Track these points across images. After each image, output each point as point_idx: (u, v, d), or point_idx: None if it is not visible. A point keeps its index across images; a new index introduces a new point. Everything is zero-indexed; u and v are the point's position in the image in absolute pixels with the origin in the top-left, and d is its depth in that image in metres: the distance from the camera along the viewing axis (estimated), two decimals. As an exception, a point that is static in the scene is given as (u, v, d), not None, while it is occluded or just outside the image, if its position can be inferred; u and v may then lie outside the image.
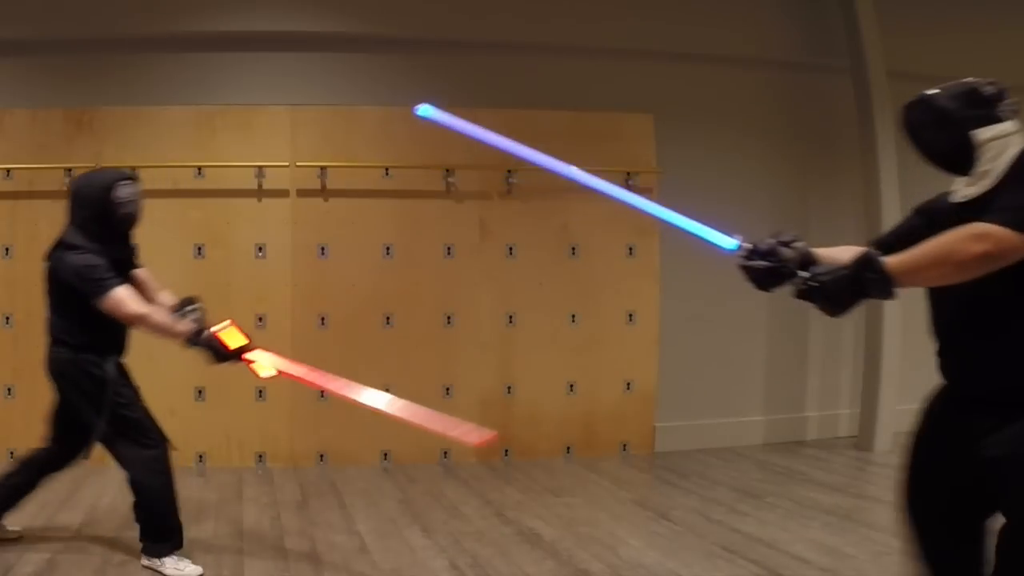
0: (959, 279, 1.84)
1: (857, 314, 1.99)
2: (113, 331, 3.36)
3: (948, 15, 5.96)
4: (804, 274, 1.92)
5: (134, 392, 3.43)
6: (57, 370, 3.38)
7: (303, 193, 5.24)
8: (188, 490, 4.51)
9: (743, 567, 3.47)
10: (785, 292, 2.03)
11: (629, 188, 5.49)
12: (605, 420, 5.58)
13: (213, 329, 3.25)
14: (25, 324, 5.04)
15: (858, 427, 5.83)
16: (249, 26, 5.15)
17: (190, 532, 3.84)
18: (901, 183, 5.61)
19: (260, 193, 5.17)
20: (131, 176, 3.47)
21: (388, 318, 5.34)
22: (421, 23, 5.31)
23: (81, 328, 3.31)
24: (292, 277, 5.24)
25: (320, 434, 5.27)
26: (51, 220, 5.00)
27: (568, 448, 5.55)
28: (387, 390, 5.31)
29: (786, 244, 2.00)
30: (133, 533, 3.77)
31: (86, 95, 5.07)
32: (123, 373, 3.43)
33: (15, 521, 3.70)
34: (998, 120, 1.95)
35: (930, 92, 2.06)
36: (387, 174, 5.29)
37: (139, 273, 3.55)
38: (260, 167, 5.13)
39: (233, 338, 3.26)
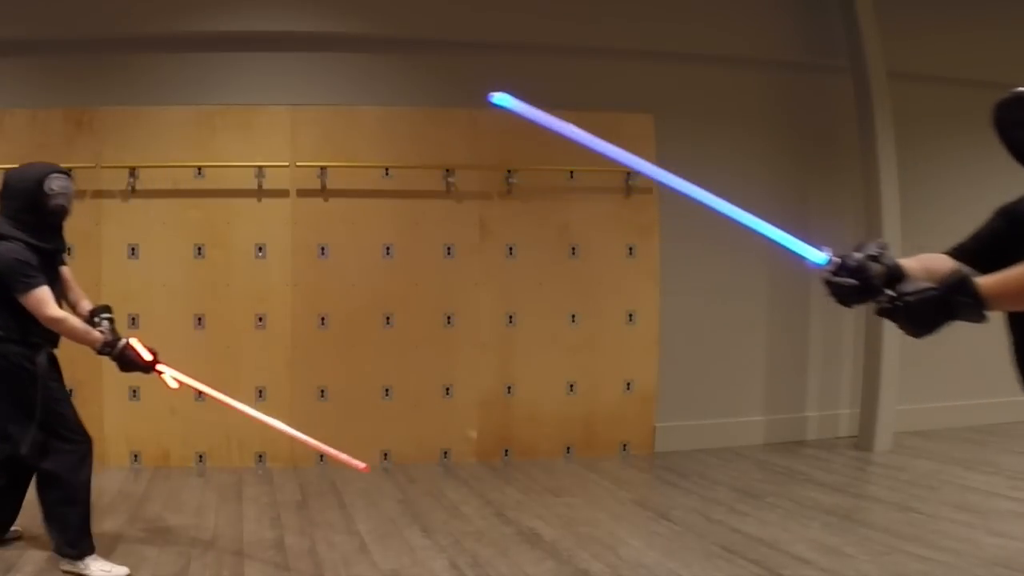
0: None
1: (857, 314, 1.94)
2: (39, 324, 3.28)
3: (948, 15, 5.97)
4: (890, 293, 1.73)
5: (62, 386, 3.45)
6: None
7: (303, 193, 5.24)
8: (188, 490, 4.52)
9: (743, 567, 3.47)
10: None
11: (629, 188, 5.51)
12: (605, 420, 5.58)
13: (129, 341, 3.40)
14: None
15: (858, 427, 5.84)
16: (249, 26, 5.15)
17: (190, 532, 3.85)
18: (901, 183, 5.62)
19: (260, 193, 5.17)
20: (64, 170, 3.48)
21: (388, 318, 5.34)
22: (421, 23, 5.31)
23: (11, 319, 3.26)
24: (292, 277, 5.24)
25: (320, 434, 5.23)
26: (51, 220, 5.04)
27: (568, 448, 5.55)
28: (387, 390, 5.38)
29: (874, 258, 1.83)
30: (134, 532, 3.78)
31: (86, 95, 5.07)
32: (54, 366, 3.43)
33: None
34: None
35: (1021, 88, 1.95)
36: (387, 174, 5.30)
37: (64, 271, 3.60)
38: (260, 167, 5.13)
39: (141, 349, 3.44)
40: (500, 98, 2.00)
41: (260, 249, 5.21)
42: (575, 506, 4.41)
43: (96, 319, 3.46)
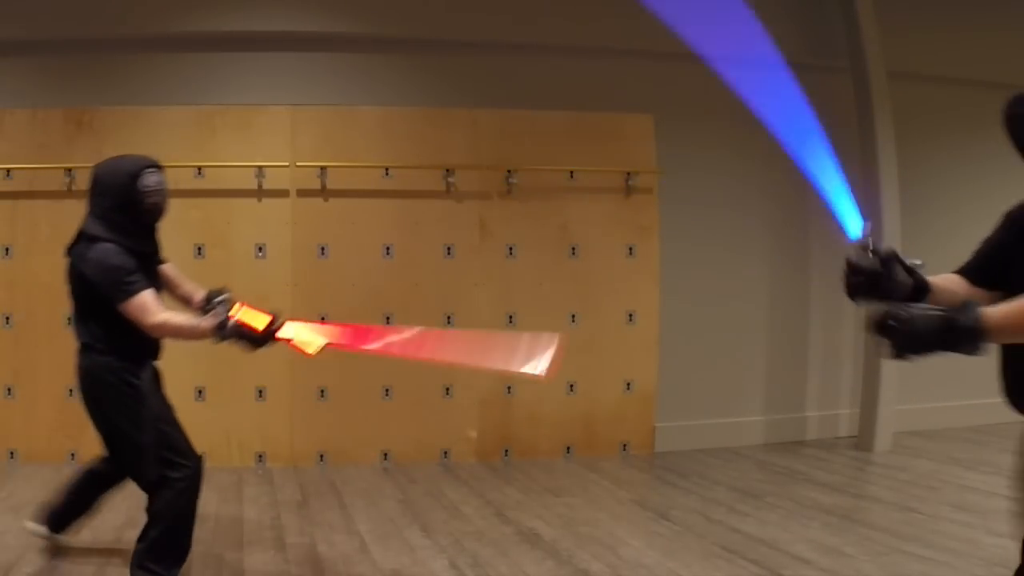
0: None
1: (857, 314, 1.92)
2: (143, 334, 2.99)
3: (948, 15, 5.97)
4: (895, 309, 1.62)
5: (167, 404, 3.12)
6: (87, 380, 3.08)
7: (303, 193, 5.24)
8: (188, 490, 4.51)
9: (743, 567, 3.47)
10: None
11: (629, 188, 5.51)
12: (605, 420, 5.58)
13: (237, 317, 2.89)
14: (25, 324, 5.04)
15: (858, 427, 5.84)
16: (249, 26, 5.15)
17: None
18: (901, 183, 5.62)
19: (260, 193, 5.17)
20: (157, 164, 3.13)
21: (388, 318, 5.34)
22: (421, 23, 5.31)
23: (112, 331, 2.99)
24: (292, 277, 5.25)
25: (320, 434, 5.27)
26: (51, 220, 5.04)
27: (568, 448, 5.55)
28: (387, 390, 5.38)
29: (907, 267, 1.74)
30: (134, 533, 3.77)
31: (86, 95, 5.07)
32: (157, 381, 3.13)
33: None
34: None
35: None
36: (387, 174, 5.30)
37: (166, 269, 3.32)
38: (260, 167, 5.13)
39: (254, 318, 2.93)
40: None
41: (260, 249, 5.21)
42: (575, 506, 4.41)
43: (210, 305, 3.11)
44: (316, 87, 5.28)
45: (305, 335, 3.03)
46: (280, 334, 2.96)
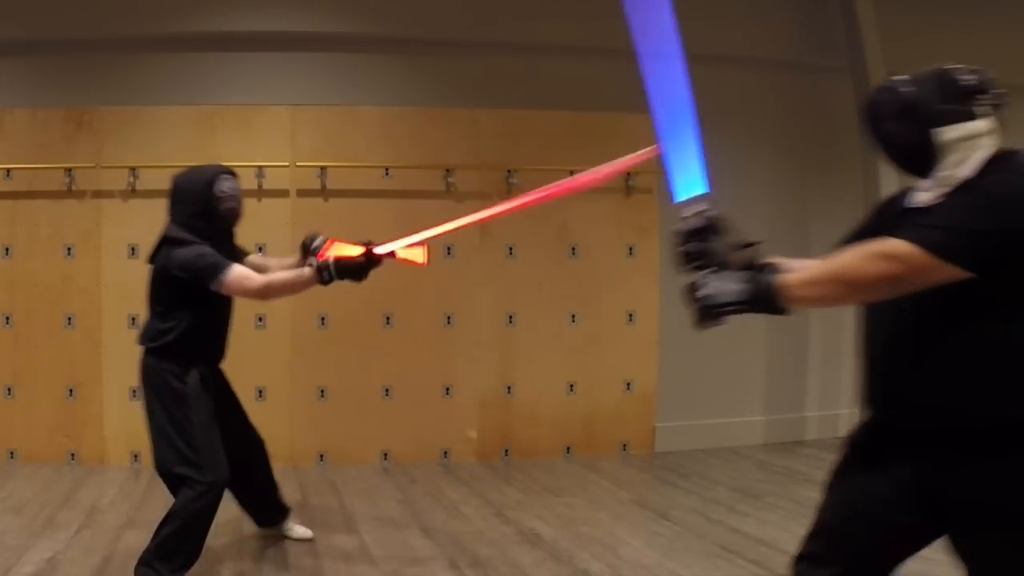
0: (860, 301, 1.66)
1: (857, 314, 1.90)
2: (204, 339, 3.22)
3: (948, 15, 5.96)
4: (704, 275, 1.71)
5: (209, 411, 3.21)
6: (142, 379, 3.21)
7: (303, 193, 5.24)
8: (188, 490, 4.51)
9: (743, 567, 3.47)
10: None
11: (629, 188, 5.51)
12: (605, 420, 5.58)
13: (330, 256, 3.04)
14: (25, 324, 5.04)
15: (858, 427, 5.83)
16: (249, 26, 5.15)
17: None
18: (901, 183, 5.61)
19: (260, 193, 5.17)
20: (231, 171, 3.34)
21: (388, 318, 5.34)
22: (421, 23, 5.31)
23: (169, 333, 3.15)
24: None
25: (320, 434, 5.27)
26: (51, 220, 5.05)
27: (568, 448, 5.55)
28: (387, 390, 5.38)
29: (739, 246, 1.75)
30: (134, 533, 3.78)
31: (86, 95, 5.07)
32: (205, 388, 3.22)
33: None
34: (970, 117, 1.68)
35: (899, 78, 1.83)
36: (387, 174, 5.30)
37: (253, 259, 3.47)
38: (260, 167, 5.13)
39: (348, 251, 3.07)
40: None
41: (260, 249, 5.19)
42: (575, 506, 4.41)
43: (312, 250, 3.25)
44: (316, 87, 5.28)
45: (405, 248, 3.10)
46: (380, 252, 3.08)
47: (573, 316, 5.54)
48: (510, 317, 5.46)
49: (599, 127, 5.49)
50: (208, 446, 3.17)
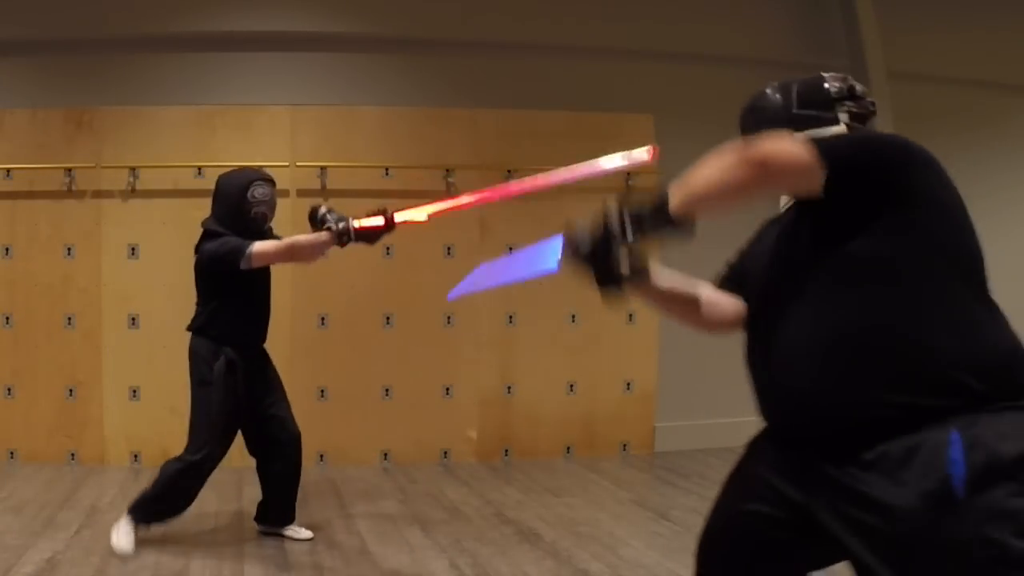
0: (733, 191, 1.48)
1: None
2: (235, 325, 3.55)
3: (948, 15, 5.97)
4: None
5: (229, 397, 3.52)
6: (189, 356, 3.61)
7: (303, 193, 5.23)
8: (188, 490, 4.51)
9: (743, 567, 3.47)
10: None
11: (629, 188, 5.50)
12: (605, 420, 5.58)
13: (355, 224, 3.23)
14: (25, 324, 5.04)
15: (858, 427, 5.83)
16: (249, 26, 5.15)
17: (190, 532, 3.85)
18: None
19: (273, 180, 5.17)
20: (267, 177, 3.68)
21: (388, 318, 5.34)
22: (421, 23, 5.31)
23: (209, 317, 3.56)
24: (292, 277, 5.23)
25: (320, 434, 5.26)
26: (51, 220, 5.05)
27: (568, 448, 5.55)
28: (387, 390, 5.38)
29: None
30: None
31: (86, 95, 5.07)
32: (233, 373, 3.53)
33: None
34: (832, 123, 1.68)
35: (771, 84, 1.83)
36: (387, 174, 5.29)
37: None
38: (260, 167, 5.11)
39: (368, 221, 3.24)
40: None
41: (260, 249, 5.20)
42: (575, 506, 4.41)
43: (321, 220, 3.33)
44: (316, 87, 5.28)
45: (411, 214, 3.23)
46: (399, 219, 3.26)
47: (573, 316, 5.54)
48: (510, 317, 5.46)
49: (599, 127, 5.49)
50: (210, 427, 3.52)
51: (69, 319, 5.07)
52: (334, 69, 5.35)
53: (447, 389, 5.40)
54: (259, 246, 3.39)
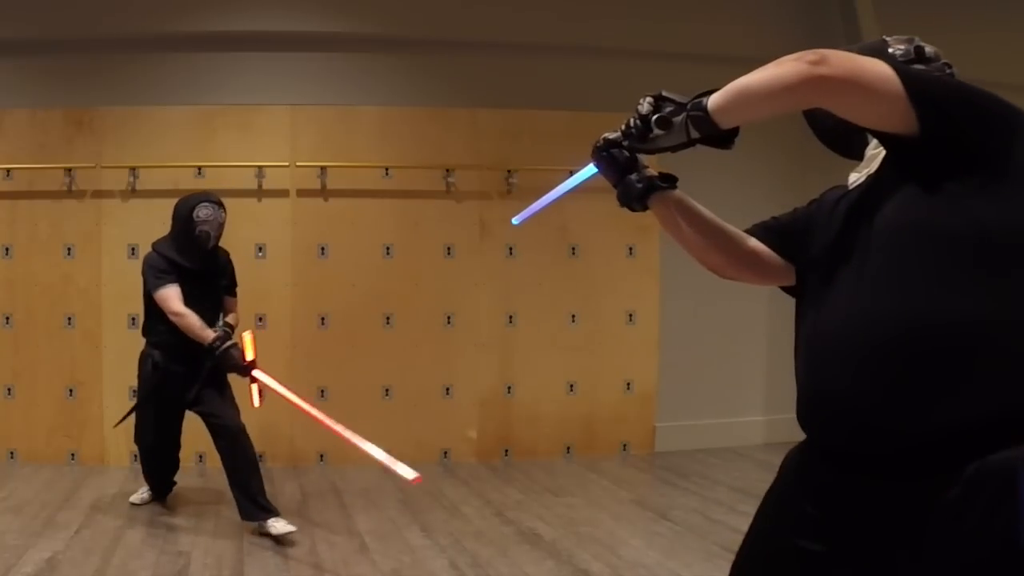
0: (782, 95, 1.31)
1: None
2: (161, 329, 3.91)
3: (948, 15, 5.97)
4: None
5: (148, 394, 4.00)
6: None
7: (303, 193, 5.24)
8: (189, 490, 4.51)
9: (743, 567, 3.47)
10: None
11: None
12: (605, 420, 5.58)
13: (234, 343, 3.85)
14: (25, 324, 5.04)
15: (858, 427, 5.83)
16: (249, 26, 5.15)
17: (191, 532, 3.85)
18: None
19: (260, 193, 5.17)
20: (214, 200, 3.97)
21: (388, 318, 5.34)
22: (421, 23, 5.31)
23: (144, 319, 4.03)
24: (292, 277, 5.24)
25: (320, 434, 5.23)
26: (51, 220, 5.05)
27: (568, 448, 5.55)
28: (387, 390, 5.38)
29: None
30: (134, 532, 3.79)
31: (86, 95, 5.07)
32: (155, 371, 3.95)
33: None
34: None
35: None
36: (387, 174, 5.29)
37: (227, 300, 4.17)
38: (260, 167, 5.13)
39: (248, 349, 3.85)
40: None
41: (260, 249, 5.21)
42: (575, 506, 4.41)
43: (219, 323, 3.94)
44: (316, 87, 5.28)
45: (261, 386, 3.90)
46: (254, 373, 3.86)
47: (573, 316, 5.54)
48: (510, 317, 5.46)
49: (599, 127, 5.40)
50: (138, 421, 4.13)
51: (69, 319, 5.07)
52: (334, 69, 5.34)
53: (447, 389, 5.40)
54: (167, 293, 3.81)
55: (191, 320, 3.78)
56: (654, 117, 1.47)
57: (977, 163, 1.26)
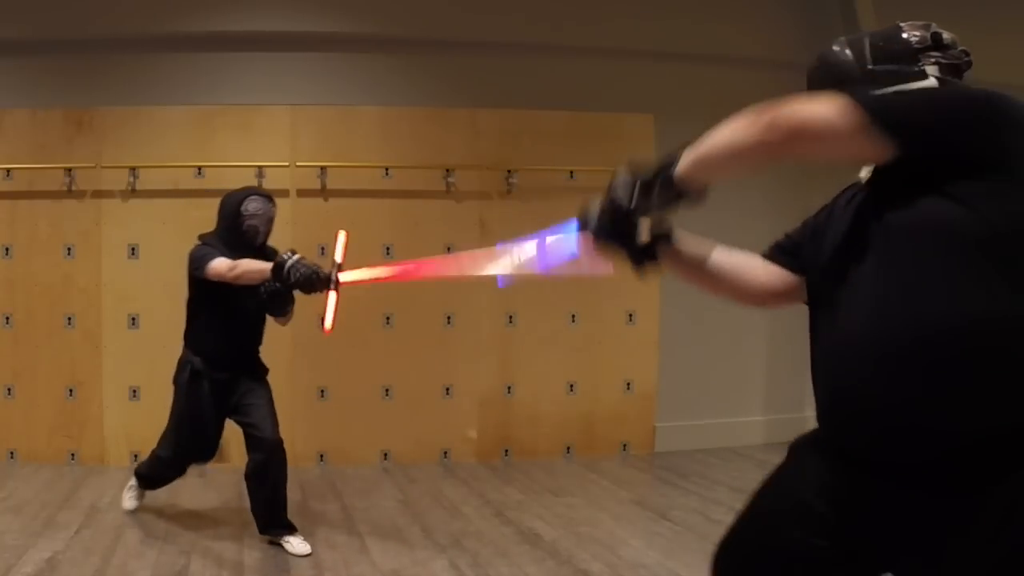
0: (747, 155, 1.34)
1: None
2: (208, 338, 3.72)
3: (948, 15, 5.94)
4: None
5: (189, 404, 3.72)
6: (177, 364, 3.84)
7: (303, 193, 5.24)
8: (189, 491, 4.51)
9: (743, 567, 3.47)
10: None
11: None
12: (605, 420, 5.58)
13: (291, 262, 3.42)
14: (25, 324, 5.04)
15: (858, 427, 5.83)
16: (249, 26, 5.15)
17: (191, 532, 3.85)
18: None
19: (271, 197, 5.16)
20: (264, 194, 3.82)
21: (388, 318, 5.34)
22: (421, 23, 5.31)
23: (188, 324, 3.81)
24: (292, 277, 5.24)
25: (320, 434, 5.26)
26: (51, 220, 5.05)
27: (568, 448, 5.55)
28: (387, 390, 5.38)
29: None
30: (133, 532, 3.79)
31: (86, 95, 5.07)
32: (198, 382, 3.70)
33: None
34: (918, 77, 1.43)
35: (838, 40, 1.58)
36: (387, 174, 5.30)
37: None
38: (260, 167, 5.12)
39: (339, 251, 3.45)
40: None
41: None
42: (575, 506, 4.41)
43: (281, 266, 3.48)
44: (316, 87, 5.28)
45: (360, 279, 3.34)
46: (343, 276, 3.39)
47: (573, 316, 5.54)
48: (510, 317, 5.46)
49: (599, 127, 5.49)
50: (173, 429, 3.81)
51: (69, 319, 5.07)
52: (334, 69, 5.34)
53: (447, 389, 5.40)
54: (216, 261, 3.51)
55: (245, 265, 3.48)
56: (633, 204, 1.51)
57: (969, 164, 1.24)
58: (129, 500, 4.12)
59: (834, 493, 1.39)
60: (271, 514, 3.70)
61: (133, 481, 4.12)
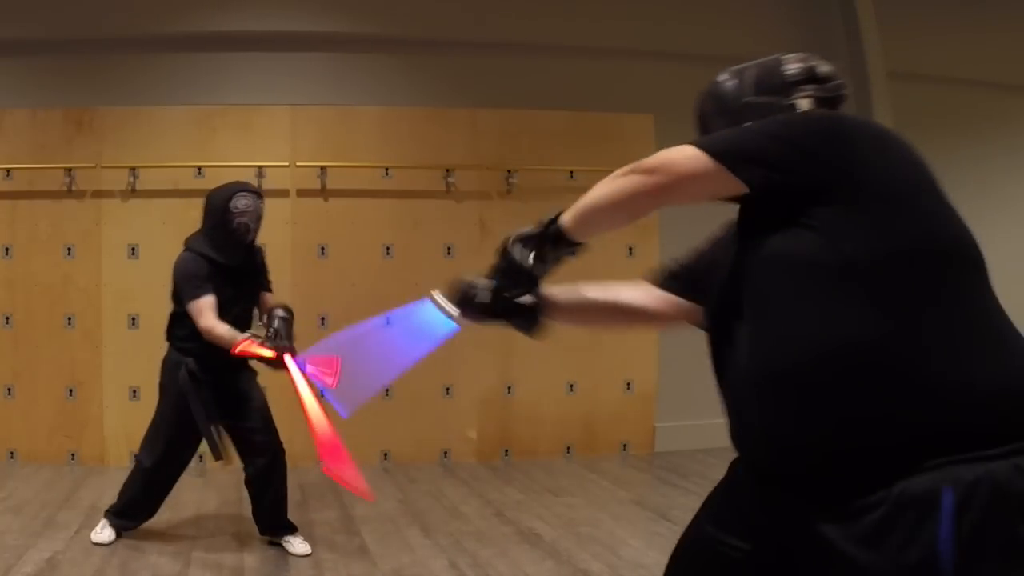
0: (625, 205, 1.42)
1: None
2: (199, 340, 3.45)
3: (948, 15, 5.97)
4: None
5: (180, 408, 3.49)
6: (162, 366, 3.62)
7: (303, 193, 5.24)
8: (189, 491, 4.51)
9: (743, 567, 3.47)
10: None
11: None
12: (605, 420, 5.58)
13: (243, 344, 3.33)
14: (25, 324, 5.04)
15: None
16: (249, 26, 5.15)
17: (191, 533, 3.85)
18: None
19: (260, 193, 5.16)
20: (253, 189, 3.65)
21: (388, 318, 5.33)
22: (421, 23, 5.31)
23: (173, 324, 3.61)
24: (292, 277, 5.24)
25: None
26: (51, 220, 5.05)
27: (568, 448, 5.55)
28: (387, 390, 5.37)
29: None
30: (133, 532, 3.78)
31: (86, 95, 5.07)
32: (195, 384, 3.49)
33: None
34: (790, 110, 1.47)
35: (729, 69, 1.64)
36: (387, 174, 5.30)
37: (265, 296, 3.78)
38: (260, 167, 5.12)
39: (261, 351, 3.33)
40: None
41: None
42: (575, 506, 4.41)
43: (270, 319, 3.47)
44: (316, 87, 5.28)
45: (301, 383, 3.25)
46: (289, 364, 3.24)
47: (573, 316, 5.53)
48: (510, 317, 5.46)
49: (598, 127, 5.49)
50: (159, 436, 3.60)
51: (69, 319, 5.07)
52: (334, 69, 5.35)
53: (447, 389, 5.40)
54: (202, 306, 3.38)
55: (221, 331, 3.37)
56: (530, 260, 1.58)
57: (819, 191, 1.28)
58: (100, 533, 3.65)
59: (753, 502, 1.45)
60: (273, 516, 3.69)
61: (104, 520, 3.69)
